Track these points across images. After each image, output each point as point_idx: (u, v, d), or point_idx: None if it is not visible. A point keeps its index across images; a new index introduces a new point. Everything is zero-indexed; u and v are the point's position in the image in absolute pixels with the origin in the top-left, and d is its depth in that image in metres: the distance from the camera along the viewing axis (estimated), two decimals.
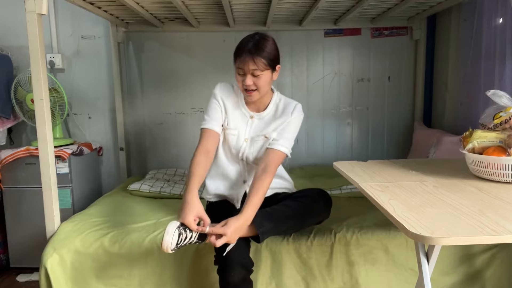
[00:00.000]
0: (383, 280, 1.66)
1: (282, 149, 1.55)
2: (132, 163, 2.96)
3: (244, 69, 1.48)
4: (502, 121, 1.28)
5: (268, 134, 1.61)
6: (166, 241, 1.27)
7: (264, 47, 1.47)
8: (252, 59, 1.45)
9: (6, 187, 2.39)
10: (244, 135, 1.63)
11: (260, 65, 1.46)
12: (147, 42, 2.84)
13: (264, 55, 1.46)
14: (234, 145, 1.64)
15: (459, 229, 0.86)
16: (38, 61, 1.61)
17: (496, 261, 1.65)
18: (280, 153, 1.55)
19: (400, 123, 2.97)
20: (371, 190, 1.16)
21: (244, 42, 1.49)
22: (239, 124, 1.63)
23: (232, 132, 1.62)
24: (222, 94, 1.63)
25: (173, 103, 2.90)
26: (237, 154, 1.65)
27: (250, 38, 1.49)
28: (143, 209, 2.05)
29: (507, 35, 1.94)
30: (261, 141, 1.63)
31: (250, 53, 1.45)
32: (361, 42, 2.87)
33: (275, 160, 1.53)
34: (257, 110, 1.65)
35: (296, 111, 1.62)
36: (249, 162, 1.67)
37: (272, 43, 1.52)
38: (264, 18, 2.61)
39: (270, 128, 1.61)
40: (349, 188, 2.24)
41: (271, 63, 1.50)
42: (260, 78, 1.49)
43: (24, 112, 2.50)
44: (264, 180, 1.46)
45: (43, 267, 1.63)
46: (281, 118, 1.61)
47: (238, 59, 1.49)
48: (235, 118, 1.63)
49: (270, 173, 1.49)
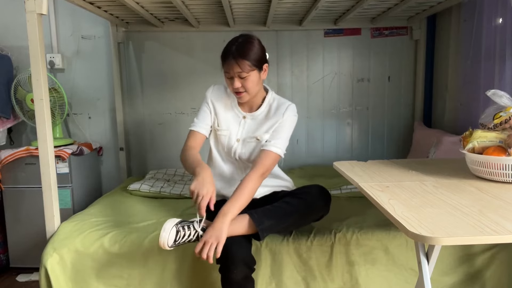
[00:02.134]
0: (383, 280, 1.66)
1: (274, 150, 1.54)
2: (132, 163, 2.96)
3: (230, 73, 1.50)
4: (502, 121, 1.28)
5: (259, 136, 1.62)
6: (162, 237, 1.30)
7: (248, 49, 1.48)
8: (236, 63, 1.47)
9: (6, 187, 2.39)
10: (236, 135, 1.65)
11: (245, 67, 1.48)
12: (147, 42, 2.84)
13: (248, 57, 1.48)
14: (226, 144, 1.67)
15: (459, 229, 0.86)
16: (38, 61, 1.61)
17: (496, 261, 1.65)
18: (272, 154, 1.54)
19: (400, 123, 2.97)
20: (371, 190, 1.16)
21: (228, 45, 1.52)
22: (231, 125, 1.66)
23: (224, 132, 1.65)
24: (213, 96, 1.68)
25: (173, 103, 2.90)
26: (229, 154, 1.67)
27: (234, 41, 1.52)
28: (143, 209, 2.05)
29: (507, 35, 1.94)
30: (253, 143, 1.64)
31: (234, 57, 1.47)
32: (361, 42, 2.87)
33: (268, 161, 1.52)
34: (249, 110, 1.67)
35: (288, 111, 1.60)
36: (244, 161, 1.68)
37: (257, 43, 1.53)
38: (264, 18, 2.62)
39: (262, 129, 1.62)
40: (349, 188, 2.24)
41: (257, 64, 1.51)
42: (247, 79, 1.50)
43: (24, 112, 2.50)
44: (252, 178, 1.46)
45: (43, 267, 1.63)
46: (273, 118, 1.61)
47: (224, 63, 1.52)
48: (227, 119, 1.66)
49: (260, 173, 1.49)
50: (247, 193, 1.44)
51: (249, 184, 1.45)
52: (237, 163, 1.70)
